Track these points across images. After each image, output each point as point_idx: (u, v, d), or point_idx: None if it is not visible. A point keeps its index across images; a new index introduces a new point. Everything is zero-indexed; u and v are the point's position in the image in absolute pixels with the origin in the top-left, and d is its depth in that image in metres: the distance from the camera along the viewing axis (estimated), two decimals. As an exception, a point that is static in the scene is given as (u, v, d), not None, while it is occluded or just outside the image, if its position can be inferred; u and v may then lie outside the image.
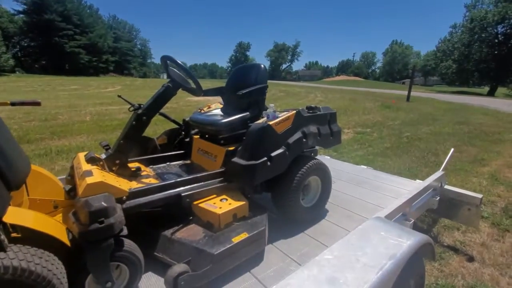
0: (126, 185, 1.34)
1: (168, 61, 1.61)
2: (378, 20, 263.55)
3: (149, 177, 1.60)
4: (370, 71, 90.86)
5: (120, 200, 1.22)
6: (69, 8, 36.61)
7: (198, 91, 1.71)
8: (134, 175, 1.53)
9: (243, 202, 1.46)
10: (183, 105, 9.89)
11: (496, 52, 31.48)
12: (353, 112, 10.12)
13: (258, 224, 1.42)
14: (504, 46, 31.29)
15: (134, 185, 1.41)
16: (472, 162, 4.40)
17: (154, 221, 1.42)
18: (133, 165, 1.62)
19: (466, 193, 2.13)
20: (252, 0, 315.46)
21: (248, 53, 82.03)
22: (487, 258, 2.11)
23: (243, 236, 1.31)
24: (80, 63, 37.55)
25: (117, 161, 1.46)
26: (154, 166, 1.89)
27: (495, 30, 32.24)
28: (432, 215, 2.53)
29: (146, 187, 1.33)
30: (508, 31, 31.49)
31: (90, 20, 40.98)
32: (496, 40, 32.17)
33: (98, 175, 1.23)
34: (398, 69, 72.79)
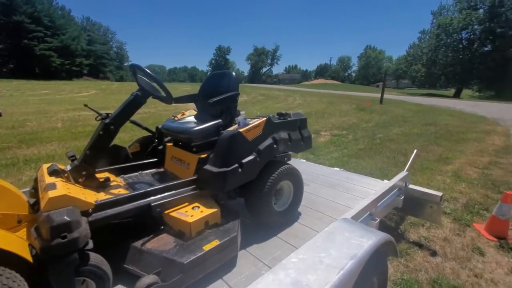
0: (92, 197, 1.31)
1: (137, 70, 1.60)
2: (353, 25, 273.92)
3: (119, 187, 1.57)
4: (346, 74, 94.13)
5: (85, 213, 1.19)
6: (39, 9, 34.78)
7: (168, 99, 1.71)
8: (103, 186, 1.50)
9: (215, 209, 1.48)
10: (161, 110, 9.71)
11: (460, 56, 33.81)
12: (330, 114, 10.44)
13: (230, 230, 1.44)
14: (468, 51, 33.70)
15: (102, 196, 1.38)
16: (437, 161, 4.70)
17: (124, 232, 1.40)
18: (101, 176, 1.58)
19: (428, 191, 2.28)
20: (232, 4, 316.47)
21: (228, 56, 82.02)
22: (449, 252, 2.27)
23: (215, 243, 1.32)
24: (52, 67, 35.70)
25: (84, 172, 1.43)
26: (125, 176, 1.86)
27: (460, 36, 34.65)
28: (400, 213, 2.67)
29: (113, 199, 1.31)
30: (472, 36, 33.98)
31: (62, 21, 39.15)
32: (461, 46, 34.57)
33: (61, 188, 1.20)
34: (372, 72, 76.20)
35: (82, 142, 5.37)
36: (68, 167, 1.43)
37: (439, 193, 2.24)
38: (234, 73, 1.96)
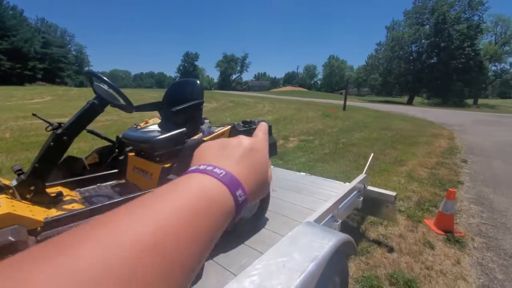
0: (42, 214, 1.21)
1: (93, 77, 1.53)
2: (318, 35, 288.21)
3: (73, 202, 1.47)
4: (312, 82, 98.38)
5: (34, 232, 1.10)
6: (-14, 8, 31.46)
7: (128, 108, 1.66)
8: (54, 201, 1.40)
9: (179, 220, 1.45)
10: (125, 117, 9.24)
11: (411, 67, 37.38)
12: (298, 121, 10.78)
13: None
14: (418, 62, 37.34)
15: (53, 213, 1.28)
16: (393, 163, 5.08)
17: None
18: (53, 190, 1.47)
19: (384, 192, 2.46)
20: (200, 10, 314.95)
21: (197, 63, 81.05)
22: (403, 247, 2.46)
23: None
24: (0, 71, 32.24)
25: (32, 188, 1.32)
26: (81, 189, 1.74)
27: (410, 49, 38.36)
28: (360, 214, 2.83)
29: (66, 215, 1.22)
30: (420, 49, 37.80)
31: (12, 22, 35.78)
32: (411, 57, 38.26)
33: (6, 205, 1.09)
34: (336, 80, 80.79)
35: (34, 154, 4.89)
36: (14, 182, 1.30)
37: (393, 193, 2.42)
38: (198, 81, 1.96)
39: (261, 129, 0.39)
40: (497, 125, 11.75)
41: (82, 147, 5.12)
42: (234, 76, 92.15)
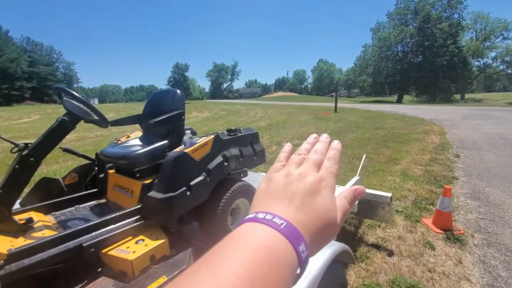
0: (5, 245, 1.10)
1: (62, 92, 1.43)
2: (305, 40, 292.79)
3: (44, 228, 1.35)
4: (303, 86, 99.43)
5: None
6: (-31, 30, 31.10)
7: (103, 123, 1.56)
8: (22, 229, 1.27)
9: (162, 240, 1.34)
10: (116, 132, 9.06)
11: (398, 67, 38.11)
12: (290, 125, 10.76)
13: (180, 262, 1.31)
14: (404, 62, 38.15)
15: (20, 242, 1.17)
16: (387, 162, 5.05)
17: (52, 281, 1.19)
18: (23, 216, 1.35)
19: (378, 193, 2.39)
20: (188, 21, 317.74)
21: (187, 74, 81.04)
22: (403, 250, 2.38)
23: (161, 280, 1.18)
24: (-14, 92, 31.79)
25: (-5, 216, 1.20)
26: (57, 213, 1.62)
27: (396, 49, 39.23)
28: (357, 217, 2.75)
29: (33, 244, 1.11)
30: (406, 49, 38.70)
31: (-3, 43, 35.41)
32: (398, 57, 39.06)
33: None
34: (326, 83, 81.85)
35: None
36: (-26, 211, 1.19)
37: (389, 194, 2.35)
38: (178, 91, 1.87)
39: (330, 156, 0.34)
40: (485, 118, 11.92)
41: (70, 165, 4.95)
42: (225, 85, 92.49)
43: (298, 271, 0.24)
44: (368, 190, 2.45)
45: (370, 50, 42.63)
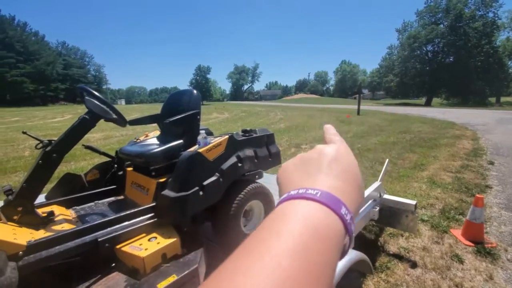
0: (26, 236, 1.14)
1: (84, 91, 1.49)
2: (328, 41, 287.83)
3: (64, 222, 1.40)
4: (325, 88, 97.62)
5: (15, 257, 1.03)
6: (11, 35, 34.22)
7: (121, 122, 1.60)
8: (44, 222, 1.33)
9: (174, 239, 1.34)
10: (139, 132, 9.43)
11: (427, 67, 36.23)
12: (310, 128, 10.58)
13: (191, 262, 1.30)
14: (434, 62, 36.23)
15: (41, 234, 1.22)
16: (413, 168, 4.78)
17: (67, 274, 1.23)
18: (46, 210, 1.41)
19: (402, 200, 2.25)
20: (210, 24, 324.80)
21: (209, 75, 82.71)
22: (428, 262, 2.21)
23: (171, 279, 1.18)
24: (25, 93, 34.66)
25: (19, 208, 1.26)
26: (78, 207, 1.69)
27: (425, 49, 37.37)
28: (378, 225, 2.62)
29: (51, 237, 1.15)
30: (436, 49, 36.76)
31: (35, 47, 38.51)
32: (427, 57, 37.17)
33: None
34: (349, 85, 79.64)
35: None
36: (1, 203, 1.26)
37: (413, 202, 2.21)
38: (195, 91, 1.89)
39: (331, 132, 0.36)
40: (525, 123, 10.98)
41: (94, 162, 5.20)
42: (245, 87, 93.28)
43: (347, 239, 0.23)
44: (390, 197, 2.32)
45: (396, 50, 40.99)
